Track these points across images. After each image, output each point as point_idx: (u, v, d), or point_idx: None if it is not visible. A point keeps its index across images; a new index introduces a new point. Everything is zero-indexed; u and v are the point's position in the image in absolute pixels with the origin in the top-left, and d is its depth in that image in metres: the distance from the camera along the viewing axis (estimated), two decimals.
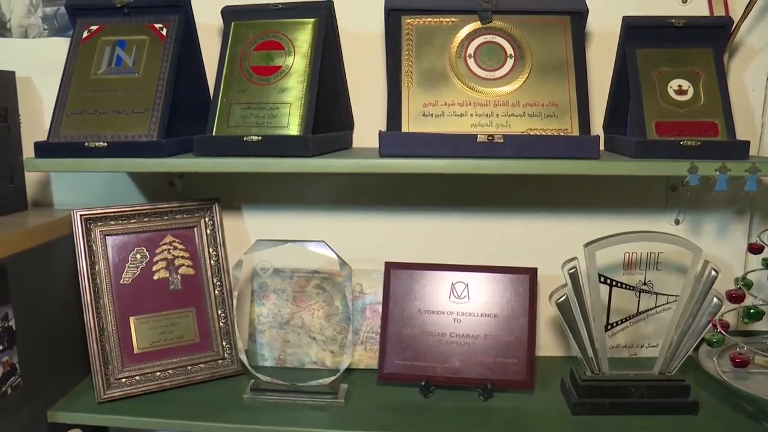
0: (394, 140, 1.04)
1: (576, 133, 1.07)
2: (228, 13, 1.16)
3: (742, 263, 1.34)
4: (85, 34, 1.18)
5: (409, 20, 1.11)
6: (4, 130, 1.30)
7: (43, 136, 1.13)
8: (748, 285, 1.22)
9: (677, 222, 1.33)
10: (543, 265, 1.25)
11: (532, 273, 1.24)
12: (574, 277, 1.13)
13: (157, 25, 1.16)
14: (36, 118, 1.39)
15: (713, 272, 1.12)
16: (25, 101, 1.37)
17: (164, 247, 1.27)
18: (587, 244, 1.14)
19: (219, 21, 1.18)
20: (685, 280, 1.14)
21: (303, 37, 1.11)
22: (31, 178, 1.38)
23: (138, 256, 1.26)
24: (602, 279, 1.19)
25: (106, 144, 1.09)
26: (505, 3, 1.11)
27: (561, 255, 1.18)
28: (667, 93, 1.13)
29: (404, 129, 1.06)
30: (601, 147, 1.22)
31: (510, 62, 1.09)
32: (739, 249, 1.34)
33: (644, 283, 1.26)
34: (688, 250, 1.13)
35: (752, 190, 1.04)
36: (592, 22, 1.19)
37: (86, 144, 1.09)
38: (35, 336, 1.15)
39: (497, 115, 1.07)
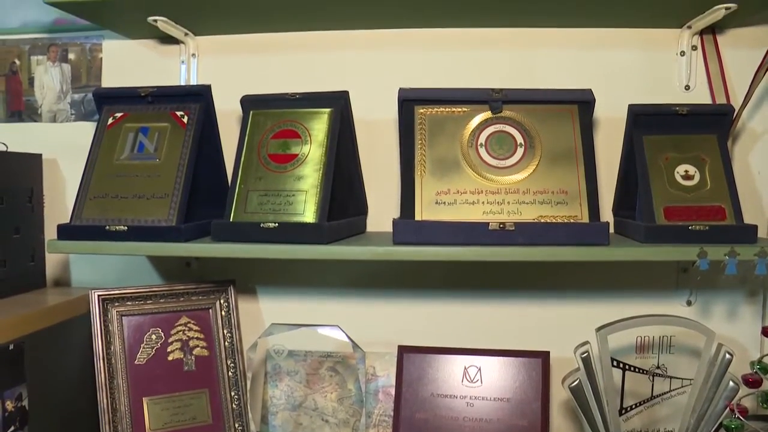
0: (407, 228, 1.06)
1: (586, 219, 1.09)
2: (247, 102, 1.21)
3: (756, 344, 1.33)
4: (110, 120, 1.23)
5: (422, 110, 1.14)
6: (28, 210, 1.34)
7: (64, 216, 1.16)
8: (765, 369, 1.21)
9: (689, 303, 1.33)
10: (555, 348, 1.25)
11: (544, 357, 1.24)
12: (586, 361, 1.13)
13: (179, 113, 1.21)
14: (59, 198, 1.43)
15: (728, 355, 1.12)
16: (50, 182, 1.42)
17: (179, 328, 1.28)
18: (599, 329, 1.14)
19: (238, 108, 1.23)
20: (699, 364, 1.14)
21: (319, 126, 1.15)
22: (51, 256, 1.41)
23: (153, 336, 1.27)
24: (615, 363, 1.19)
25: (126, 228, 1.12)
26: (514, 93, 1.15)
27: (573, 338, 1.18)
28: (674, 178, 1.15)
29: (417, 216, 1.08)
30: (611, 230, 1.24)
31: (520, 151, 1.13)
32: (753, 330, 1.33)
33: (657, 367, 1.25)
34: (701, 333, 1.13)
35: (762, 274, 1.05)
36: (599, 110, 1.23)
37: (107, 227, 1.12)
38: (48, 416, 1.15)
39: (508, 202, 1.09)
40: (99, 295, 1.24)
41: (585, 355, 1.13)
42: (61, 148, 1.43)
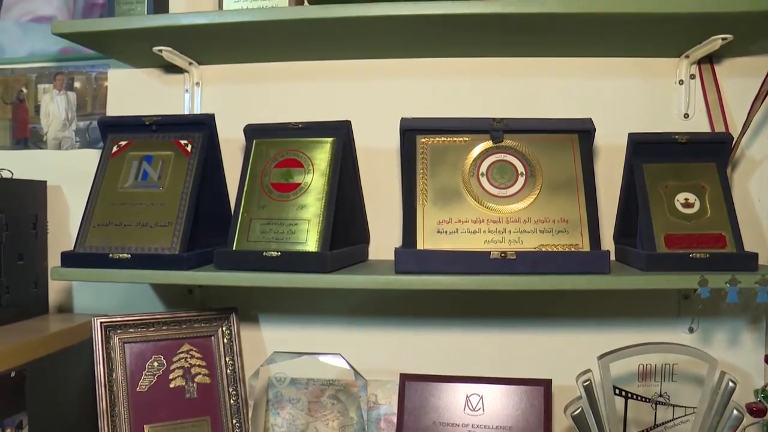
0: (409, 257, 1.07)
1: (587, 247, 1.09)
2: (250, 131, 1.22)
3: (760, 372, 1.32)
4: (115, 149, 1.25)
5: (423, 140, 1.16)
6: (32, 237, 1.35)
7: (68, 243, 1.17)
8: None
9: (691, 330, 1.33)
10: (557, 376, 1.25)
11: (546, 385, 1.24)
12: (588, 389, 1.13)
13: (183, 142, 1.22)
14: (63, 224, 1.44)
15: (731, 383, 1.11)
16: (54, 208, 1.43)
17: (181, 355, 1.28)
18: (601, 357, 1.14)
19: (241, 136, 1.24)
20: (702, 392, 1.14)
21: (321, 155, 1.16)
22: (54, 282, 1.41)
23: (155, 364, 1.27)
24: (617, 391, 1.19)
25: (129, 256, 1.13)
26: (515, 123, 1.16)
27: (575, 366, 1.18)
28: (674, 206, 1.16)
29: (419, 246, 1.09)
30: (612, 257, 1.25)
31: (521, 180, 1.13)
32: (757, 357, 1.33)
33: (660, 395, 1.25)
34: (703, 361, 1.13)
35: (764, 302, 1.05)
36: (599, 138, 1.24)
37: (110, 255, 1.13)
38: None
39: (510, 231, 1.10)
40: (102, 323, 1.24)
41: (587, 383, 1.13)
42: (66, 175, 1.45)
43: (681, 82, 1.31)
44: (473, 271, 1.05)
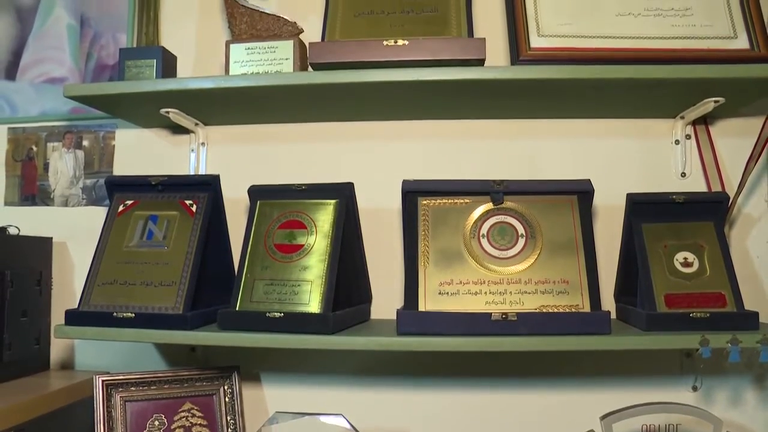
0: (411, 319, 1.08)
1: (587, 308, 1.10)
2: (254, 192, 1.24)
3: (765, 430, 1.31)
4: (121, 208, 1.27)
5: (425, 202, 1.18)
6: (36, 294, 1.36)
7: (71, 299, 1.18)
8: None
9: (695, 389, 1.32)
10: None
11: None
12: None
13: (188, 202, 1.24)
14: (67, 280, 1.45)
15: None
16: (59, 264, 1.44)
17: (183, 414, 1.28)
18: (604, 417, 1.14)
19: (245, 196, 1.25)
20: None
21: (324, 217, 1.18)
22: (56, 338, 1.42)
23: (156, 422, 1.26)
24: None
25: (133, 315, 1.14)
26: (515, 185, 1.18)
27: (578, 426, 1.17)
28: (673, 265, 1.17)
29: (421, 307, 1.10)
30: (613, 315, 1.25)
31: (522, 241, 1.15)
32: (761, 415, 1.32)
33: None
34: (707, 421, 1.13)
35: (766, 361, 1.05)
36: (598, 198, 1.26)
37: (114, 314, 1.14)
38: None
39: (510, 292, 1.10)
40: (103, 381, 1.24)
41: None
42: (72, 232, 1.46)
43: (677, 142, 1.34)
44: (475, 333, 1.06)
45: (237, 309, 1.13)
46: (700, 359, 1.26)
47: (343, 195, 1.19)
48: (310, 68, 1.18)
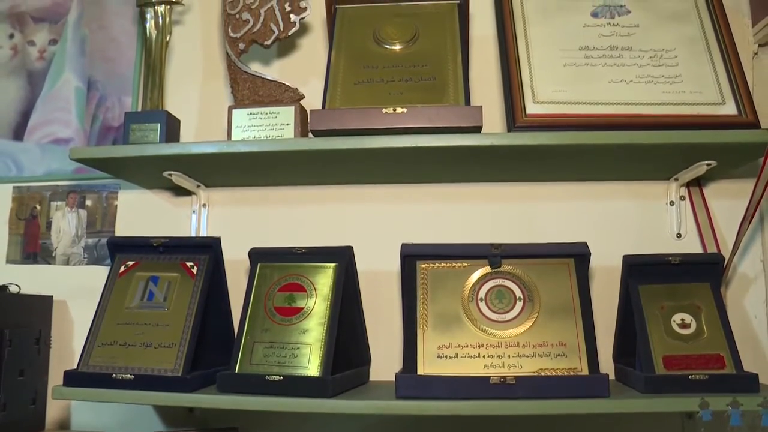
0: (410, 383, 1.08)
1: (585, 371, 1.10)
2: (255, 255, 1.25)
3: None
4: (122, 268, 1.28)
5: (423, 265, 1.19)
6: (34, 353, 1.36)
7: (70, 358, 1.18)
8: None
9: None
10: None
11: None
12: None
13: (189, 263, 1.25)
14: (66, 339, 1.45)
15: None
16: (58, 323, 1.44)
17: None
18: None
19: (246, 258, 1.26)
20: None
21: (324, 280, 1.19)
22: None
23: None
24: None
25: (132, 377, 1.14)
26: (512, 248, 1.19)
27: None
28: (671, 327, 1.17)
29: (420, 370, 1.10)
30: (612, 376, 1.25)
31: (519, 305, 1.16)
32: None
33: None
34: None
35: None
36: (595, 259, 1.26)
37: (113, 375, 1.14)
38: None
39: (509, 356, 1.11)
40: None
41: None
42: (72, 291, 1.47)
43: (672, 203, 1.36)
44: (473, 396, 1.06)
45: (236, 371, 1.13)
46: (701, 422, 1.26)
47: (343, 258, 1.20)
48: (310, 134, 1.21)
